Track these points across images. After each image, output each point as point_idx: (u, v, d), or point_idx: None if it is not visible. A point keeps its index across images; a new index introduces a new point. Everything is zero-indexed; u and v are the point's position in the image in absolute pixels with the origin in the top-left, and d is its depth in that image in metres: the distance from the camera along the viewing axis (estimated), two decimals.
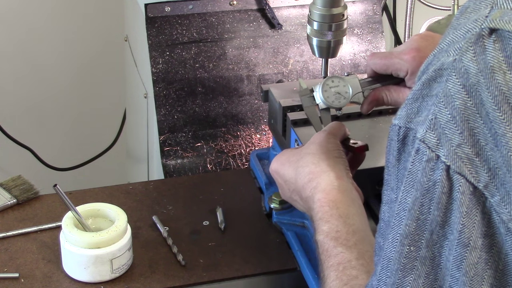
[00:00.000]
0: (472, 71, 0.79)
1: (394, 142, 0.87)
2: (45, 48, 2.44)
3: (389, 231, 0.87)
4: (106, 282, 1.34)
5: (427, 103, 0.84)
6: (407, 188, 0.85)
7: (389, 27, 1.96)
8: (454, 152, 0.80)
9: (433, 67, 0.84)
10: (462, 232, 0.81)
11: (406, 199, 0.85)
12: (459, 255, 0.82)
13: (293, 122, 1.44)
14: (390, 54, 1.34)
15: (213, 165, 1.72)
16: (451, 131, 0.81)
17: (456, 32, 0.83)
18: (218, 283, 1.36)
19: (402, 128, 0.86)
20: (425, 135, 0.82)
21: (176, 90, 1.72)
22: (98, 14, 2.43)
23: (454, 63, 0.81)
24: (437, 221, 0.83)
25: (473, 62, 0.79)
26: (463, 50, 0.80)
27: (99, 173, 2.47)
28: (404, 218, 0.85)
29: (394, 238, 0.86)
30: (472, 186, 0.80)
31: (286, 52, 1.78)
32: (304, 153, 1.25)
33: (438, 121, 0.81)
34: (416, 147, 0.83)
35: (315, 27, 1.47)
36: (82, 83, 2.51)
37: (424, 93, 0.84)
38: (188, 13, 1.73)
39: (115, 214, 1.37)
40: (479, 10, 0.82)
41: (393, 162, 0.88)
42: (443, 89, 0.81)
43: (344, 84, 1.35)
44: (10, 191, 1.53)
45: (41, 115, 2.52)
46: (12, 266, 1.37)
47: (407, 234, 0.84)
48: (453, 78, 0.80)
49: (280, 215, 1.45)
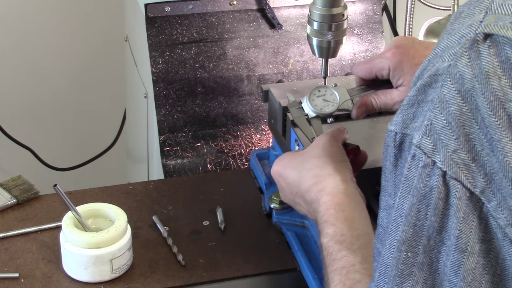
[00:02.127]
0: (467, 77, 0.79)
1: (391, 148, 0.87)
2: (45, 48, 2.44)
3: (387, 237, 0.87)
4: (106, 282, 1.34)
5: (422, 109, 0.83)
6: (403, 194, 0.84)
7: (389, 27, 1.96)
8: (450, 157, 0.80)
9: (428, 73, 0.83)
10: (459, 238, 0.81)
11: (403, 205, 0.84)
12: (457, 261, 0.82)
13: (293, 122, 1.44)
14: (372, 57, 1.37)
15: (213, 165, 1.72)
16: (446, 136, 0.80)
17: (450, 38, 0.83)
18: (218, 283, 1.36)
19: (398, 134, 0.86)
20: (421, 141, 0.82)
21: (176, 90, 1.72)
22: (98, 14, 2.43)
23: (449, 69, 0.81)
24: (434, 226, 0.83)
25: (468, 67, 0.79)
26: (458, 55, 0.80)
27: (99, 173, 2.47)
28: (401, 224, 0.85)
29: (391, 244, 0.86)
30: (469, 191, 0.80)
31: (286, 52, 1.78)
32: (308, 156, 1.25)
33: (433, 126, 0.81)
34: (412, 153, 0.83)
35: (315, 27, 1.47)
36: (82, 83, 2.51)
37: (420, 98, 0.84)
38: (188, 13, 1.73)
39: (115, 214, 1.37)
40: (473, 15, 0.82)
41: (390, 168, 0.88)
42: (438, 94, 0.81)
43: (331, 93, 1.38)
44: (10, 191, 1.53)
45: (41, 115, 2.52)
46: (12, 266, 1.37)
47: (404, 240, 0.84)
48: (448, 83, 0.80)
49: (280, 215, 1.45)
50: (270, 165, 1.59)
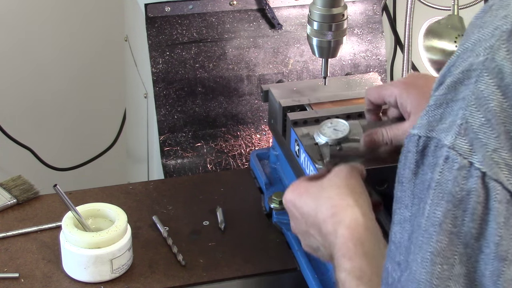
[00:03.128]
0: (506, 70, 0.75)
1: (412, 154, 0.81)
2: (45, 48, 2.44)
3: (417, 251, 0.80)
4: (106, 282, 1.34)
5: (452, 109, 0.78)
6: (435, 201, 0.78)
7: (389, 27, 1.96)
8: (490, 157, 0.75)
9: (458, 69, 0.79)
10: (500, 245, 0.76)
11: (436, 213, 0.78)
12: (496, 270, 0.76)
13: (293, 122, 1.44)
14: (383, 84, 1.33)
15: (213, 165, 1.72)
16: (486, 135, 0.75)
17: (482, 31, 0.78)
18: (218, 283, 1.36)
19: (422, 137, 0.80)
20: (455, 142, 0.77)
21: (176, 90, 1.72)
22: (98, 14, 2.43)
23: (485, 63, 0.76)
24: (471, 233, 0.77)
25: (507, 60, 0.75)
26: (495, 48, 0.76)
27: (99, 173, 2.47)
28: (434, 234, 0.78)
29: (423, 258, 0.79)
30: (510, 194, 0.75)
31: (286, 52, 1.78)
32: (327, 185, 1.16)
33: (469, 125, 0.76)
34: (445, 155, 0.78)
35: (315, 27, 1.47)
36: (82, 83, 2.51)
37: (449, 97, 0.79)
38: (188, 13, 1.73)
39: (115, 214, 1.37)
40: (507, 6, 0.78)
41: (408, 176, 0.82)
42: (472, 91, 0.76)
43: (343, 124, 1.37)
44: (10, 191, 1.53)
45: (41, 115, 2.51)
46: (12, 266, 1.37)
47: (439, 251, 0.78)
48: (485, 78, 0.76)
49: (280, 215, 1.45)
50: (270, 165, 1.59)
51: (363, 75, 1.65)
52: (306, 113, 1.48)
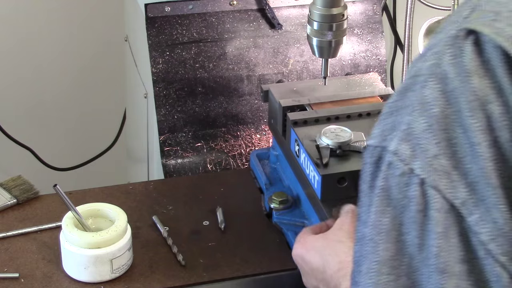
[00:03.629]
0: (450, 76, 0.72)
1: (368, 165, 0.77)
2: (45, 48, 2.43)
3: (362, 261, 0.77)
4: (106, 282, 1.34)
5: (402, 116, 0.75)
6: (380, 208, 0.75)
7: (389, 27, 1.96)
8: (429, 164, 0.72)
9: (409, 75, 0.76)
10: (439, 256, 0.71)
11: (382, 220, 0.74)
12: (437, 284, 0.72)
13: (293, 122, 1.45)
14: None
15: (213, 165, 1.72)
16: (426, 141, 0.72)
17: (436, 36, 0.76)
18: (218, 283, 1.36)
19: (377, 148, 0.76)
20: (397, 147, 0.74)
21: (176, 90, 1.72)
22: (98, 14, 2.43)
23: (431, 68, 0.74)
24: (414, 243, 0.73)
25: (451, 65, 0.72)
26: (441, 53, 0.73)
27: (99, 173, 2.47)
28: (381, 242, 0.75)
29: (369, 268, 0.75)
30: (449, 203, 0.71)
31: (286, 52, 1.78)
32: (332, 240, 1.18)
33: (412, 131, 0.73)
34: (387, 160, 0.74)
35: (315, 27, 1.47)
36: (82, 83, 2.51)
37: (399, 104, 0.76)
38: (188, 13, 1.73)
39: (115, 214, 1.37)
40: (459, 13, 0.76)
41: (365, 190, 0.78)
42: (417, 96, 0.74)
43: (346, 131, 1.39)
44: (10, 191, 1.53)
45: (41, 115, 2.51)
46: (12, 266, 1.37)
47: (385, 260, 0.74)
48: (431, 84, 0.73)
49: (280, 215, 1.45)
50: (270, 165, 1.59)
51: (363, 75, 1.65)
52: (306, 113, 1.48)
